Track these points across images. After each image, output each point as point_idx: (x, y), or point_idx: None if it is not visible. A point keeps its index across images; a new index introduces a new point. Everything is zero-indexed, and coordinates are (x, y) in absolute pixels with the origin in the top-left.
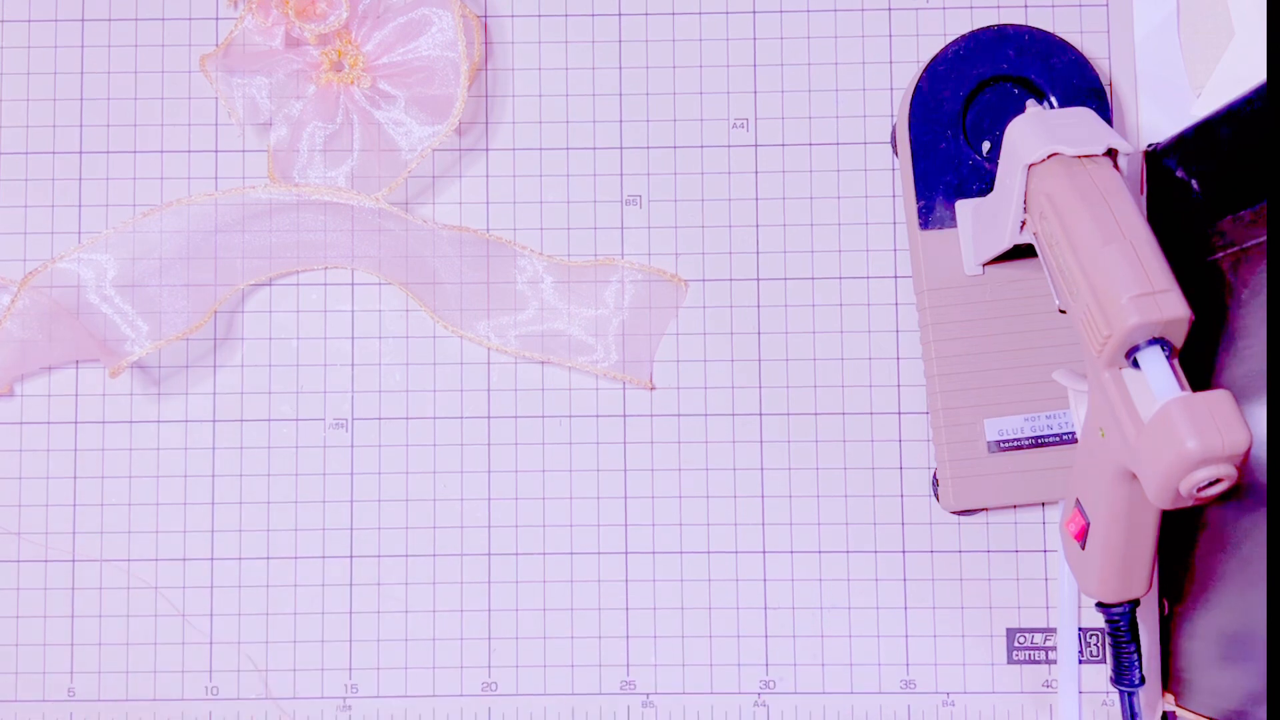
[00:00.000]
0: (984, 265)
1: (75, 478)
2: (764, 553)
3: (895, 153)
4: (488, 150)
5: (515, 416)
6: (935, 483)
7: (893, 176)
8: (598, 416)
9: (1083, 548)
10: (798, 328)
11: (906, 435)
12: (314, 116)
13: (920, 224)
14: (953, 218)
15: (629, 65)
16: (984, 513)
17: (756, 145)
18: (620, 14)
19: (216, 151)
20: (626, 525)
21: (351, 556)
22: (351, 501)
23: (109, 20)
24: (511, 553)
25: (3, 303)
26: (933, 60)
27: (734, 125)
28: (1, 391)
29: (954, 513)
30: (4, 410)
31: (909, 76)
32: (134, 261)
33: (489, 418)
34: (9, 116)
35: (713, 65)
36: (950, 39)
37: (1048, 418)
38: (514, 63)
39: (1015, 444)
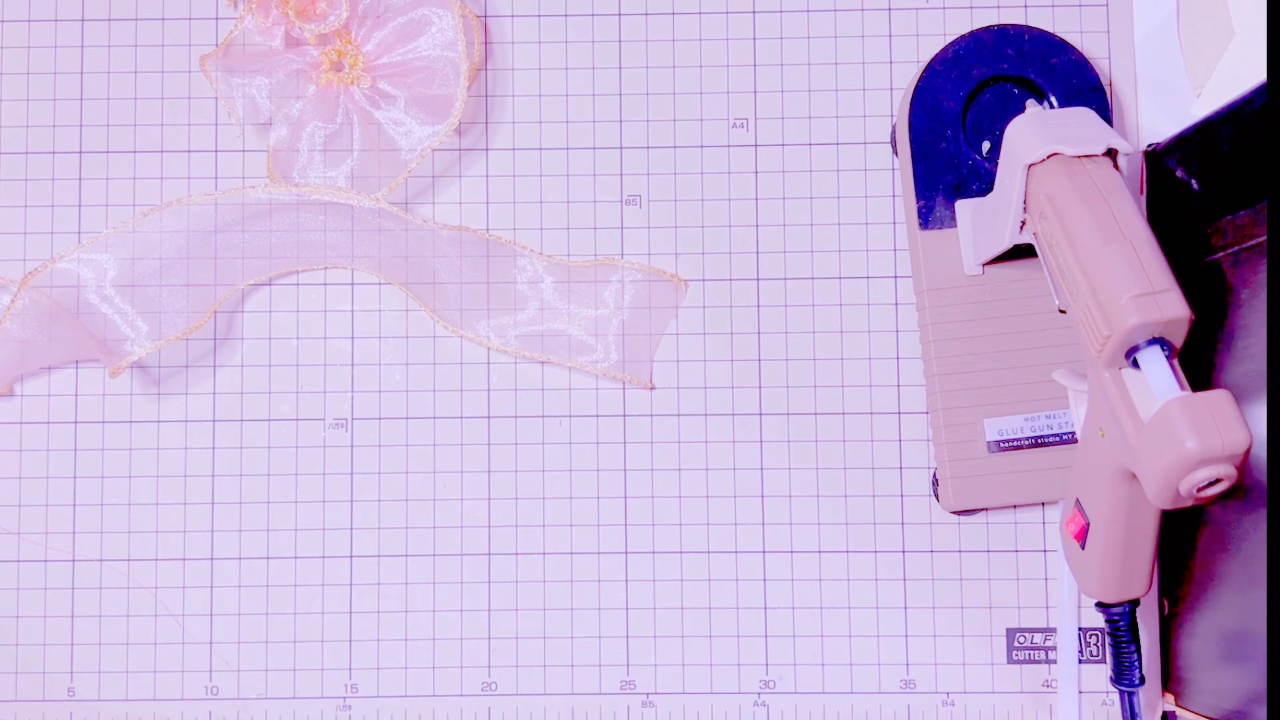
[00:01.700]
0: (984, 265)
1: (75, 478)
2: (764, 553)
3: (895, 153)
4: (488, 150)
5: (515, 416)
6: (935, 483)
7: (893, 176)
8: (598, 416)
9: (1083, 548)
10: (798, 328)
11: (906, 435)
12: (314, 116)
13: (920, 224)
14: (953, 218)
15: (629, 65)
16: (984, 513)
17: (756, 145)
18: (620, 14)
19: (216, 151)
20: (626, 525)
21: (351, 556)
22: (351, 501)
23: (109, 20)
24: (511, 553)
25: (3, 303)
26: (933, 60)
27: (734, 125)
28: (1, 391)
29: (954, 513)
30: (4, 410)
31: (909, 76)
32: (134, 261)
33: (489, 418)
34: (9, 116)
35: (713, 65)
36: (950, 39)
37: (1048, 418)
38: (514, 63)
39: (1015, 444)
